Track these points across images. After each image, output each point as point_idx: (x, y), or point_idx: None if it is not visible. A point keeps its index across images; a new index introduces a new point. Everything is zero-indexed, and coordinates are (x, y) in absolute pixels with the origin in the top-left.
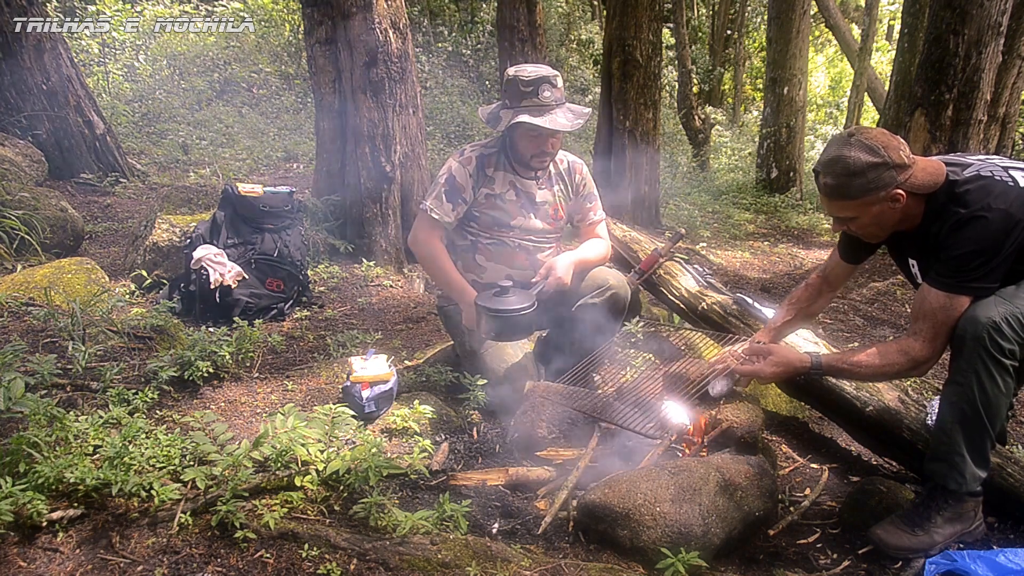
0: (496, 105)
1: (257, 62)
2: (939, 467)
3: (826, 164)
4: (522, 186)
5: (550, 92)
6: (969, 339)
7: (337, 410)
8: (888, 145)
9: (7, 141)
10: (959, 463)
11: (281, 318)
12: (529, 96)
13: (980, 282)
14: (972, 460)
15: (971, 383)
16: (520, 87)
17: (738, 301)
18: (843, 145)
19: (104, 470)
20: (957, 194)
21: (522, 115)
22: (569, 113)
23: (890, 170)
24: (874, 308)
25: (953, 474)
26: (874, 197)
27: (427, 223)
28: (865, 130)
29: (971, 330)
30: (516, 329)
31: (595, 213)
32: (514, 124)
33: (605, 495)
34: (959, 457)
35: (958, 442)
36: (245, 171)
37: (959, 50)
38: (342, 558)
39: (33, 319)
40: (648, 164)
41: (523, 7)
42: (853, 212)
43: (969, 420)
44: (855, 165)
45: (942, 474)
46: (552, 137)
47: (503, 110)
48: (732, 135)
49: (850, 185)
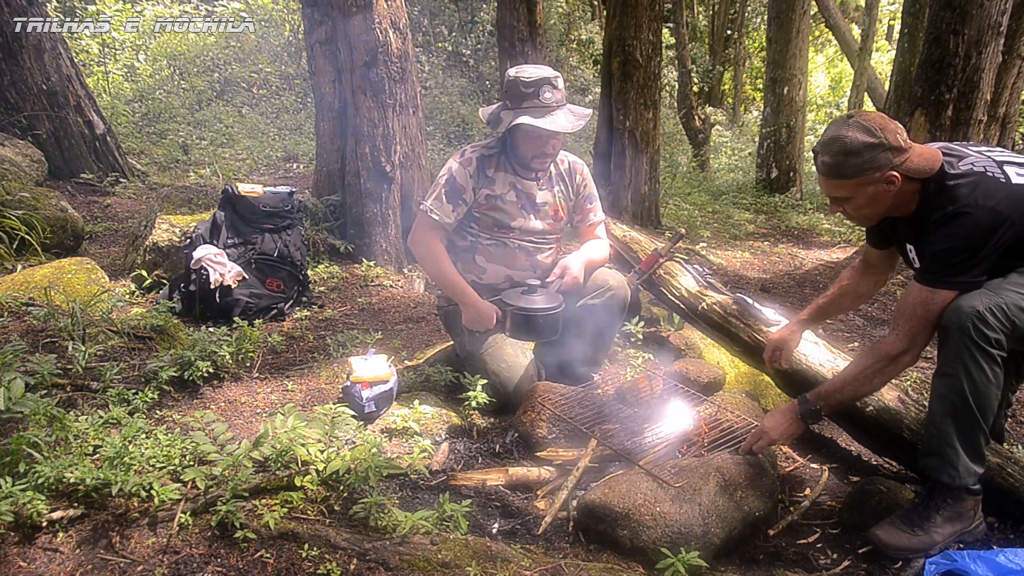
0: (497, 106)
1: (257, 62)
2: (932, 461)
3: (824, 144)
4: (523, 187)
5: (551, 93)
6: (954, 329)
7: (337, 410)
8: (885, 128)
9: (7, 141)
10: (951, 456)
11: (281, 318)
12: (530, 97)
13: (962, 276)
14: (965, 453)
15: (959, 373)
16: (521, 88)
17: (738, 301)
18: (841, 126)
19: (104, 470)
20: (947, 187)
21: (523, 116)
22: (570, 114)
23: (886, 152)
24: (874, 308)
25: (946, 467)
26: (869, 178)
27: (427, 223)
28: (864, 113)
29: (956, 320)
30: (544, 329)
31: (595, 214)
32: (515, 125)
33: (605, 495)
34: (951, 450)
35: (949, 434)
36: (245, 171)
37: (959, 50)
38: (342, 558)
39: (33, 319)
40: (648, 164)
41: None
42: (848, 192)
43: (960, 411)
44: (852, 145)
45: (935, 468)
46: (553, 138)
47: (504, 111)
48: (732, 135)
49: (846, 164)
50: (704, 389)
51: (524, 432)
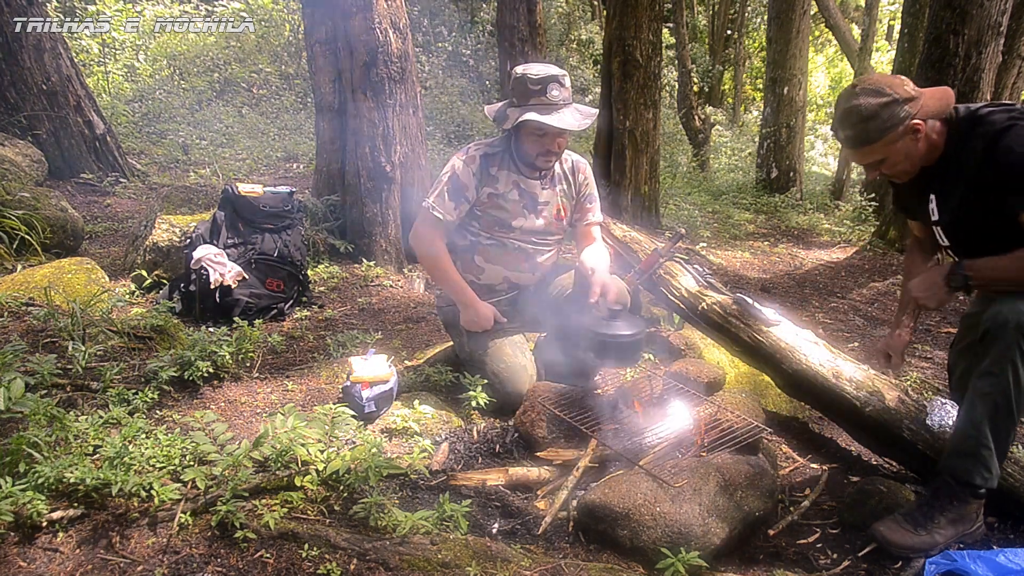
0: (503, 103)
1: (257, 62)
2: (963, 463)
3: (840, 119)
4: (526, 186)
5: (558, 91)
6: (1012, 327)
7: (337, 410)
8: (891, 84)
9: (7, 141)
10: (987, 457)
11: (281, 318)
12: (537, 95)
13: None
14: (997, 454)
15: (1007, 373)
16: (528, 85)
17: (738, 301)
18: (851, 97)
19: (104, 470)
20: (980, 116)
21: (529, 113)
22: (577, 113)
23: (901, 105)
24: (874, 308)
25: (979, 469)
26: (894, 134)
27: (429, 221)
28: (865, 78)
29: (1014, 319)
30: (626, 355)
31: (593, 214)
32: (520, 122)
33: (605, 495)
34: (986, 451)
35: (986, 435)
36: (245, 171)
37: (959, 50)
38: (342, 558)
39: (33, 319)
40: (648, 164)
41: (523, 7)
42: (880, 154)
43: (1001, 412)
44: (867, 110)
45: (966, 470)
46: (559, 137)
47: (510, 108)
48: (732, 135)
49: (868, 129)
50: (704, 389)
51: (524, 432)
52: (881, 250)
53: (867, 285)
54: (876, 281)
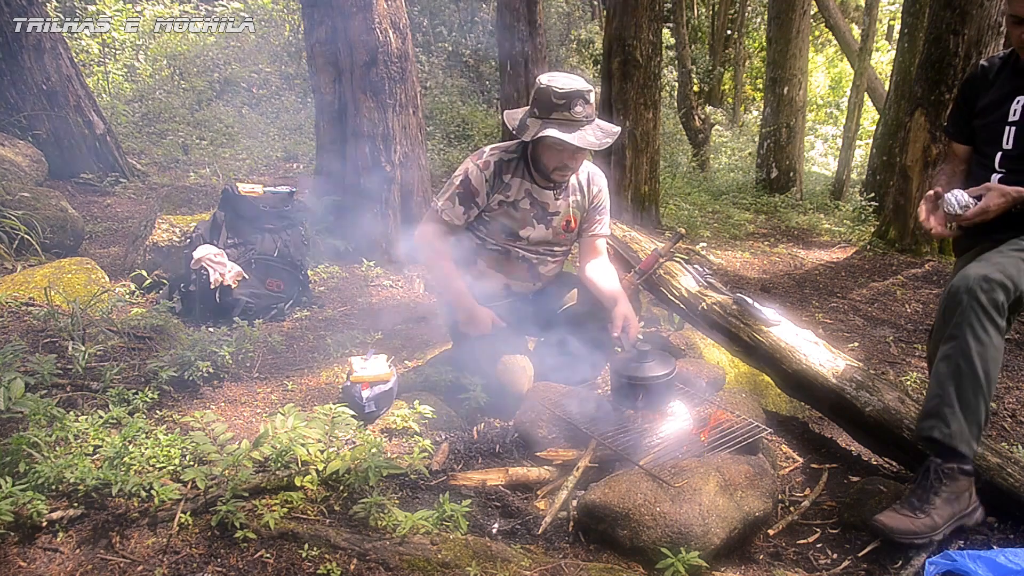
0: (524, 112)
1: (257, 62)
2: (927, 423)
3: None
4: (538, 195)
5: (582, 108)
6: (963, 293)
7: (337, 410)
8: None
9: (7, 141)
10: (947, 415)
11: (281, 318)
12: (560, 109)
13: None
14: (963, 416)
15: (966, 335)
16: (552, 99)
17: (738, 301)
18: None
19: (104, 470)
20: None
21: (550, 128)
22: (598, 130)
23: None
24: (874, 308)
25: (939, 425)
26: None
27: (436, 222)
28: None
29: (964, 285)
30: (656, 395)
31: (601, 226)
32: (540, 136)
33: (605, 495)
34: (948, 409)
35: (950, 395)
36: (245, 171)
37: (959, 50)
38: (342, 558)
39: (33, 319)
40: (648, 164)
41: (523, 7)
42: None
43: (964, 375)
44: None
45: (928, 428)
46: (578, 152)
47: (531, 118)
48: (732, 135)
49: None
50: (704, 389)
51: (524, 432)
52: (881, 250)
53: (867, 285)
54: (876, 281)
